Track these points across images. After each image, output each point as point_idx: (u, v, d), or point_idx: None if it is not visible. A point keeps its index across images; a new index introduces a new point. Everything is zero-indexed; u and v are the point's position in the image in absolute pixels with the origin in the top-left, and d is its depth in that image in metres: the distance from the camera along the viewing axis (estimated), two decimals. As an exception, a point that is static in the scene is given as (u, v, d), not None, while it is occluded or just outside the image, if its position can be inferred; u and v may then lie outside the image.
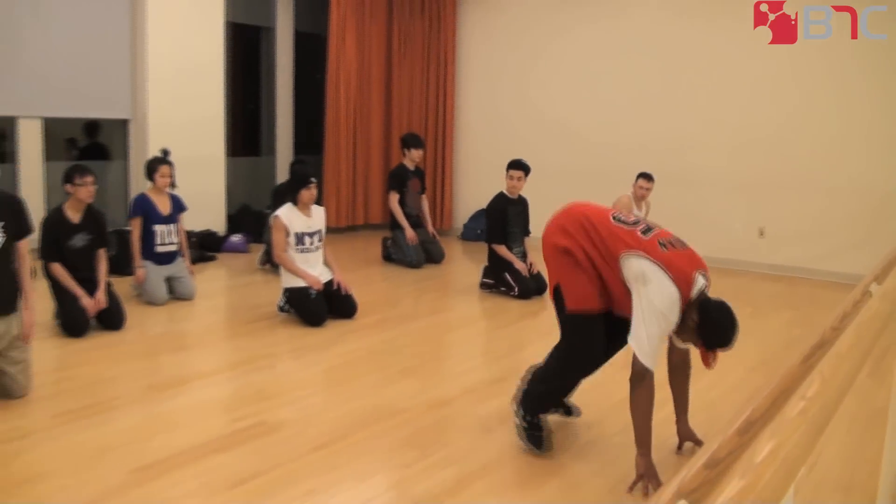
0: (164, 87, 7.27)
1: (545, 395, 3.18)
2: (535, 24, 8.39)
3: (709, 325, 2.76)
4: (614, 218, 2.98)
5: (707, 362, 2.80)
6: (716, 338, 2.76)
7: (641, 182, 6.39)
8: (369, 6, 8.81)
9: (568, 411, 3.46)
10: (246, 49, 8.97)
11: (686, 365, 3.15)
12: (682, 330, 2.83)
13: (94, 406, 3.52)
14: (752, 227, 7.30)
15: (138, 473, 2.85)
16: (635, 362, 2.81)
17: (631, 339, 2.80)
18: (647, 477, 2.81)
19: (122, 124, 7.36)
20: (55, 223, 4.65)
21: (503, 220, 6.01)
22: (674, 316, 2.76)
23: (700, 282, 2.79)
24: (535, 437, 3.12)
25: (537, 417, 3.13)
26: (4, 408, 3.45)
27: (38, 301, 3.86)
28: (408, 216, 7.17)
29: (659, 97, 7.57)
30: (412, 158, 7.30)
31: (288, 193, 5.21)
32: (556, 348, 3.16)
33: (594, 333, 3.01)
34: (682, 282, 2.75)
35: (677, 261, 2.80)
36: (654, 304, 2.74)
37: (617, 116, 7.88)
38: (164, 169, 5.56)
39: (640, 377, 2.80)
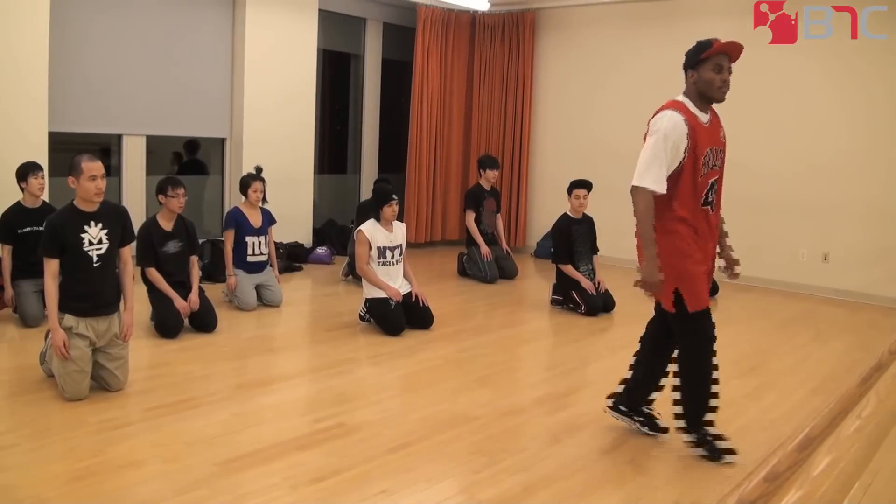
0: (259, 109, 7.58)
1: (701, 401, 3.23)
2: (609, 51, 8.43)
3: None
4: None
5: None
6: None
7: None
8: (453, 35, 9.03)
9: (656, 427, 3.50)
10: (336, 74, 9.28)
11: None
12: None
13: (186, 402, 3.69)
14: (817, 252, 7.21)
15: (225, 465, 2.98)
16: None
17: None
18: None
19: (220, 143, 7.71)
20: (149, 231, 4.91)
21: (568, 240, 6.05)
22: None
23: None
24: (713, 450, 3.19)
25: (705, 429, 3.21)
26: (103, 400, 3.66)
27: (136, 304, 4.06)
28: (483, 234, 7.28)
29: (725, 123, 7.44)
30: (488, 179, 7.41)
31: (371, 209, 5.36)
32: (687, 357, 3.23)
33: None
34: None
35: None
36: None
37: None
38: (256, 185, 5.82)
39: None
